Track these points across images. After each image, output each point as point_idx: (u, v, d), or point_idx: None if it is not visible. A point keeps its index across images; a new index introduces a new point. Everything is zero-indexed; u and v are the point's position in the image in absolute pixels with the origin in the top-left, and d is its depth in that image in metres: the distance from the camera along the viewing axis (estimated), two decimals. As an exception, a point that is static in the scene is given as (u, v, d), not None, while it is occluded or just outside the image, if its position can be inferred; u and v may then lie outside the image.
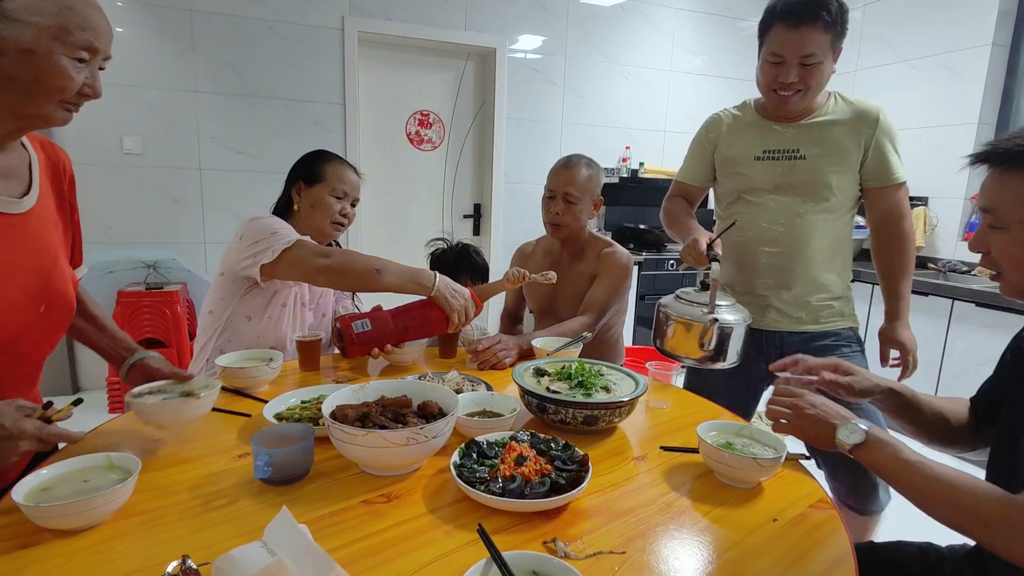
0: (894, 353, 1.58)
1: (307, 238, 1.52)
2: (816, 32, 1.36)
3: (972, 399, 1.07)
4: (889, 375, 1.22)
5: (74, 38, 0.87)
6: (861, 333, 1.62)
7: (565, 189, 1.78)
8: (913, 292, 1.58)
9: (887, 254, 1.55)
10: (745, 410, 1.62)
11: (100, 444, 1.02)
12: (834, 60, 1.42)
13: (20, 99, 0.88)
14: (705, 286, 1.34)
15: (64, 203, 1.10)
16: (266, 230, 1.46)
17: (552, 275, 1.57)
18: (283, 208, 1.67)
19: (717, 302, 1.30)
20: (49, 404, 0.88)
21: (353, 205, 1.69)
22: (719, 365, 1.32)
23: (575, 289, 1.86)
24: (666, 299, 1.41)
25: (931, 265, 3.41)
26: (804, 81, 1.41)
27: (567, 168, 1.80)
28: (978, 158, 0.88)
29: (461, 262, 1.97)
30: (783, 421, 0.96)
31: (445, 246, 2.05)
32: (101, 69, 0.95)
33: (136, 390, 1.06)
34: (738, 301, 1.44)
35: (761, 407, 1.09)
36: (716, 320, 1.28)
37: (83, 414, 1.00)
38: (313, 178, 1.62)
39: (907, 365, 1.55)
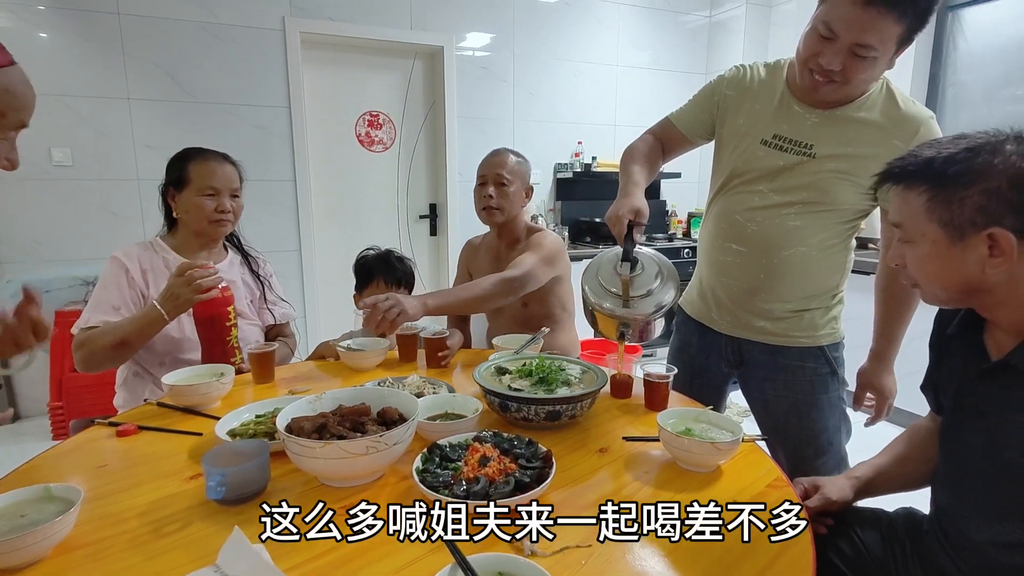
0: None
1: (97, 326, 1.41)
2: (888, 20, 1.08)
3: (922, 386, 1.08)
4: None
5: (7, 121, 0.80)
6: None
7: (496, 172, 1.79)
8: (856, 272, 1.47)
9: (890, 288, 1.34)
10: (715, 407, 1.53)
11: (39, 475, 0.96)
12: (895, 56, 1.16)
13: None
14: (627, 259, 1.21)
15: None
16: (92, 297, 1.48)
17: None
18: (170, 220, 1.61)
19: (633, 292, 1.19)
20: None
21: (235, 197, 1.61)
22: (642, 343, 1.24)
23: None
24: (588, 275, 1.28)
25: (871, 246, 3.57)
26: (846, 73, 1.15)
27: (495, 155, 1.84)
28: (883, 177, 0.90)
29: (380, 267, 1.81)
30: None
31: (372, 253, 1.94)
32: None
33: None
34: (701, 296, 1.39)
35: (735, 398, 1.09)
36: (624, 334, 1.22)
37: (23, 442, 0.94)
38: (180, 182, 1.55)
39: (880, 412, 1.41)
